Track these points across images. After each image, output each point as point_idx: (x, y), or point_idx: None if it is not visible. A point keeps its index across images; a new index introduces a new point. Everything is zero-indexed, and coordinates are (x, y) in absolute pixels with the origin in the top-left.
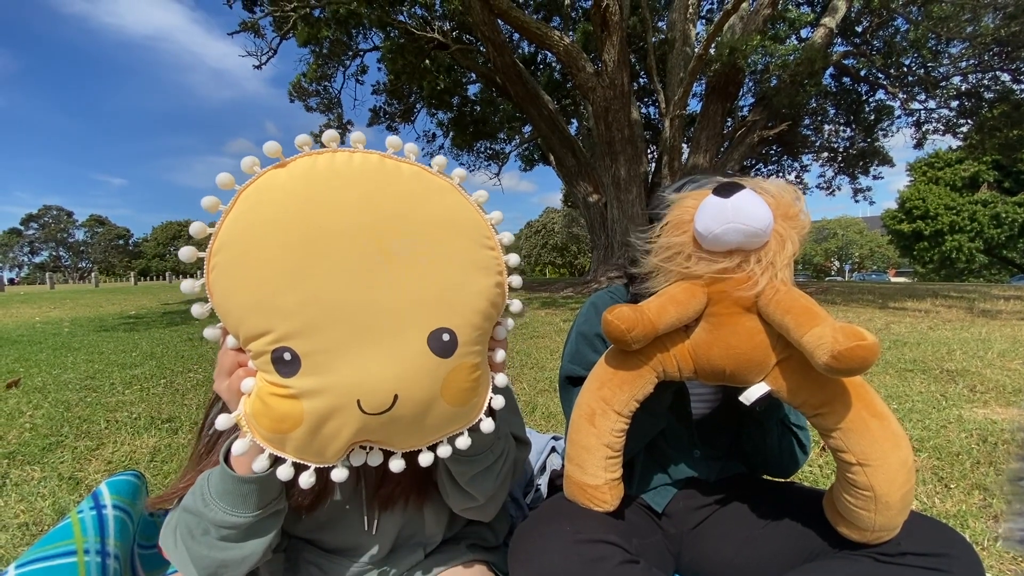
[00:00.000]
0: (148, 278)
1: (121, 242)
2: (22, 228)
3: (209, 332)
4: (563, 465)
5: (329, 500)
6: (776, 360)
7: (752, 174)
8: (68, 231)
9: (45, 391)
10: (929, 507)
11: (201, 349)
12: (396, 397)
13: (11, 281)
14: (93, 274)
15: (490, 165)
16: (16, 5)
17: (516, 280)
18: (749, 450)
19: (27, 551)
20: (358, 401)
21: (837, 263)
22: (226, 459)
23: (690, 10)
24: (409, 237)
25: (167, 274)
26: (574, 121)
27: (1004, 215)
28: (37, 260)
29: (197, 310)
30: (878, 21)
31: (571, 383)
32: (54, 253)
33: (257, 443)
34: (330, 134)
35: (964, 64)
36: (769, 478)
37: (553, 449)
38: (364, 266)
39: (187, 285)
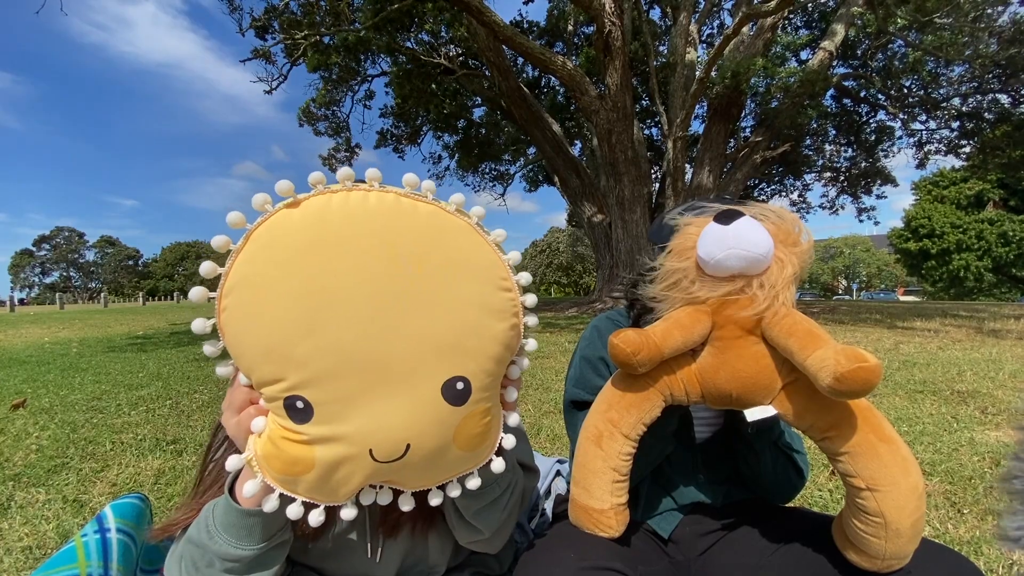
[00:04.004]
0: (156, 298)
1: (131, 263)
2: (34, 249)
3: (222, 370)
4: (568, 489)
5: (333, 529)
6: (782, 384)
7: (755, 194)
8: (79, 252)
9: (52, 412)
10: (942, 533)
11: (207, 370)
12: (408, 446)
13: (21, 301)
14: (102, 294)
15: (495, 186)
16: (37, 35)
17: (532, 320)
18: (746, 474)
19: (31, 575)
20: (370, 450)
21: (844, 282)
22: (231, 491)
23: (691, 35)
24: (425, 282)
25: (175, 294)
26: (578, 142)
27: (1011, 233)
28: (48, 280)
29: (209, 349)
30: (877, 44)
31: (576, 407)
32: (65, 273)
33: (268, 483)
34: (345, 172)
35: (964, 87)
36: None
37: (558, 473)
38: (379, 313)
39: (198, 324)
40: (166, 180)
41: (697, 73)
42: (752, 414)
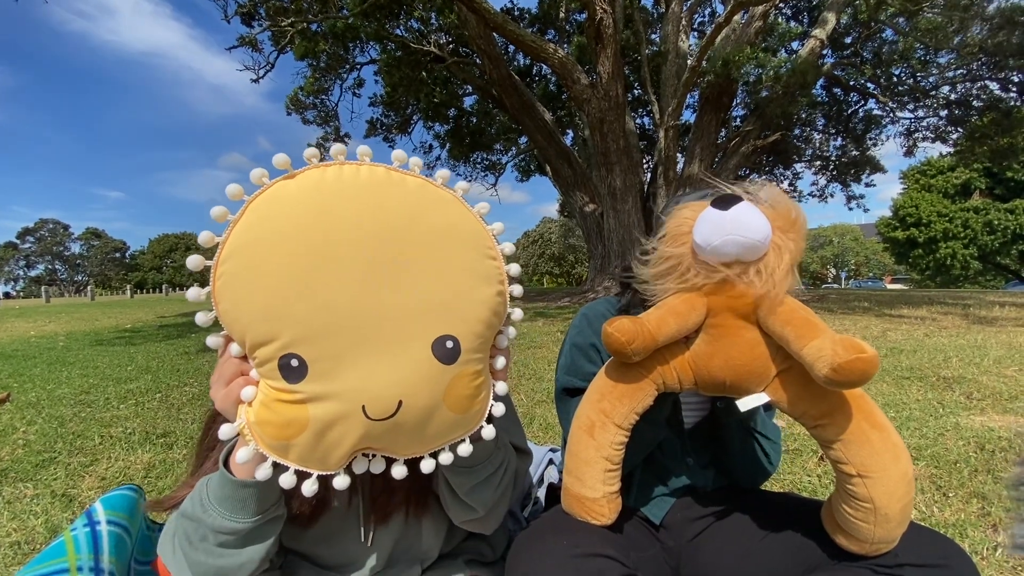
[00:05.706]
0: (144, 291)
1: (117, 255)
2: (18, 242)
3: (212, 340)
4: (560, 478)
5: (328, 512)
6: (776, 371)
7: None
8: (64, 244)
9: (39, 406)
10: (927, 516)
11: (197, 362)
12: (400, 403)
13: (6, 295)
14: (89, 287)
15: (487, 176)
16: (17, 23)
17: (517, 289)
18: (719, 456)
19: (19, 571)
20: (363, 407)
21: (833, 270)
22: (225, 463)
23: (682, 23)
24: (414, 247)
25: (163, 287)
26: (570, 132)
27: (996, 222)
28: (33, 274)
29: (201, 318)
30: (867, 32)
31: (568, 394)
32: (50, 266)
33: (260, 451)
34: (337, 147)
35: (952, 74)
36: (767, 489)
37: (551, 461)
38: (371, 275)
39: (193, 293)
40: (152, 172)
41: (689, 62)
42: (745, 403)
